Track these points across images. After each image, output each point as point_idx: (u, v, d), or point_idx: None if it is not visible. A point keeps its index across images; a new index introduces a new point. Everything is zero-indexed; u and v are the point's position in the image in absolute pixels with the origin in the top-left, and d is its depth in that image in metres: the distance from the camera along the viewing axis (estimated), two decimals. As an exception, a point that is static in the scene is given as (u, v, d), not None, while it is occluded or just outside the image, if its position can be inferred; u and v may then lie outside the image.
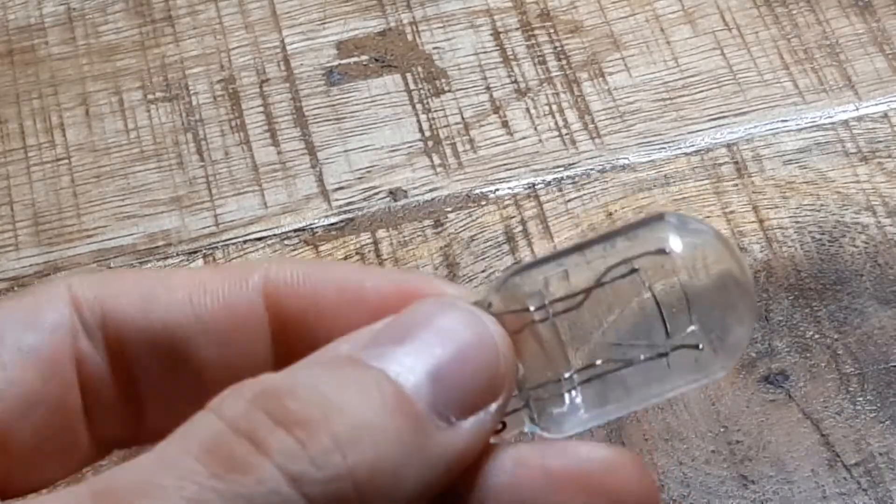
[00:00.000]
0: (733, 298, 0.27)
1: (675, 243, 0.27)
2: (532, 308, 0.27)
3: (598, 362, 0.27)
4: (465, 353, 0.27)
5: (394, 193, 0.49)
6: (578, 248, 0.28)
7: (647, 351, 0.27)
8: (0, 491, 0.28)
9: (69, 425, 0.29)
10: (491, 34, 0.53)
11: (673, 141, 0.50)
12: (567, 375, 0.27)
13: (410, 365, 0.26)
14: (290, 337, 0.29)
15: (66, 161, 0.50)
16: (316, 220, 0.49)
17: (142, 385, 0.30)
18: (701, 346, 0.27)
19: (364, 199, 0.49)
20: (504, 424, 0.28)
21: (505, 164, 0.50)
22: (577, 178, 0.49)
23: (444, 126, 0.51)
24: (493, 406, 0.27)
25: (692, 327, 0.27)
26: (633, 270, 0.27)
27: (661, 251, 0.27)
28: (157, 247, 0.48)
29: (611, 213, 0.48)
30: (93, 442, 0.30)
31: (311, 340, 0.28)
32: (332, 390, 0.25)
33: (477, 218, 0.48)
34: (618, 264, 0.27)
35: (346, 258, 0.47)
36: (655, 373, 0.27)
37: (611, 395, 0.27)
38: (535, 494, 0.27)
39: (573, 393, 0.27)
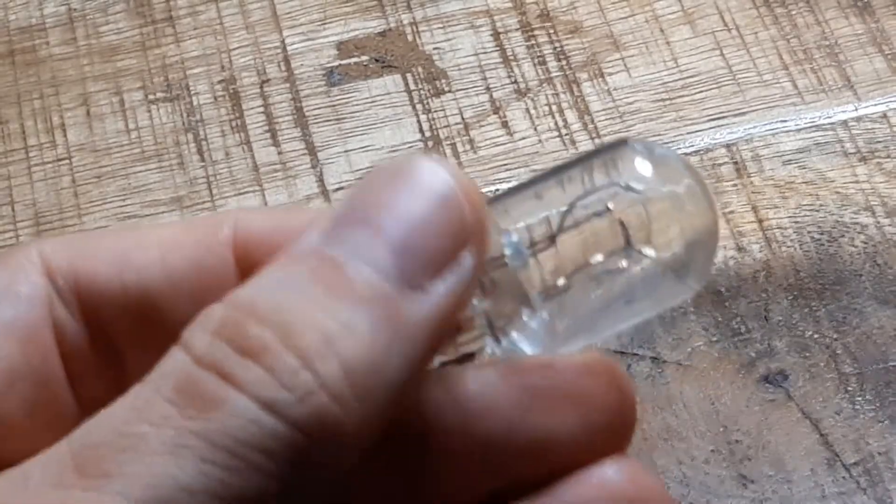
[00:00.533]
0: (696, 218, 0.27)
1: (644, 172, 0.27)
2: (507, 252, 0.27)
3: (561, 282, 0.27)
4: (427, 214, 0.25)
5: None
6: (551, 176, 0.28)
7: (609, 266, 0.27)
8: None
9: (54, 394, 0.29)
10: (491, 35, 0.53)
11: (672, 141, 0.50)
12: (532, 296, 0.27)
13: (372, 245, 0.25)
14: None
15: (67, 161, 0.51)
16: (316, 221, 0.49)
17: (120, 348, 0.29)
18: (662, 262, 0.27)
19: (364, 200, 0.49)
20: (473, 355, 0.27)
21: (505, 165, 0.50)
22: (576, 179, 0.49)
23: (444, 126, 0.51)
24: (467, 256, 0.25)
25: (652, 251, 0.27)
26: (607, 209, 0.27)
27: (630, 184, 0.27)
28: (157, 247, 0.48)
29: (610, 214, 0.48)
30: (79, 406, 0.30)
31: None
32: (295, 300, 0.25)
33: (477, 218, 0.48)
34: (583, 197, 0.27)
35: (346, 258, 0.47)
36: (617, 290, 0.27)
37: (575, 315, 0.27)
38: (510, 410, 0.27)
39: (539, 314, 0.27)
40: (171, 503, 0.22)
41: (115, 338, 0.29)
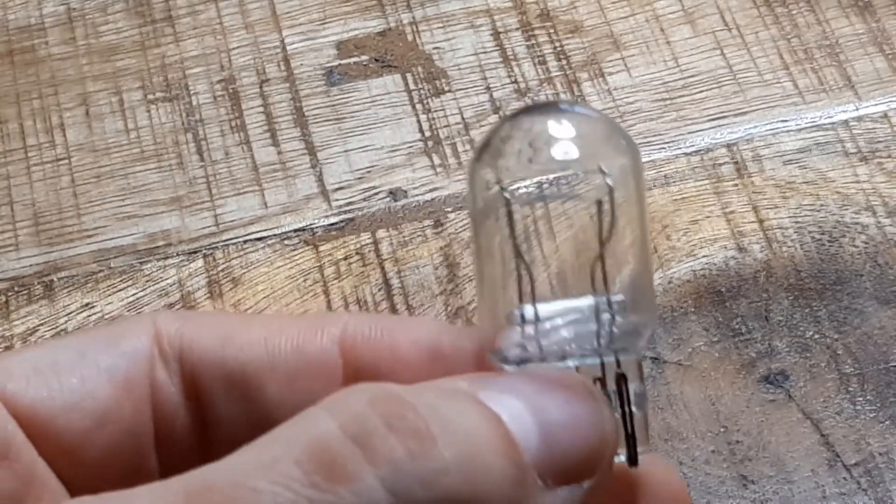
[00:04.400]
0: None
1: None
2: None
3: None
4: (579, 425, 0.26)
5: (394, 193, 0.49)
6: None
7: None
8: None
9: (139, 448, 0.30)
10: (491, 34, 0.53)
11: (673, 141, 0.50)
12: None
13: (524, 418, 0.26)
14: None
15: (67, 161, 0.51)
16: (316, 220, 0.49)
17: (213, 418, 0.30)
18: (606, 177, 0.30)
19: (364, 199, 0.49)
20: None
21: (505, 165, 0.50)
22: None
23: (444, 126, 0.51)
24: (586, 483, 0.26)
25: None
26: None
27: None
28: (157, 247, 0.48)
29: (611, 214, 0.48)
30: (160, 469, 0.30)
31: None
32: (451, 414, 0.25)
33: (477, 218, 0.48)
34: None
35: (345, 258, 0.47)
36: None
37: None
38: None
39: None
40: None
41: (209, 407, 0.30)
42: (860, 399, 0.43)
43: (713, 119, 0.50)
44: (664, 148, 0.49)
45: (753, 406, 0.43)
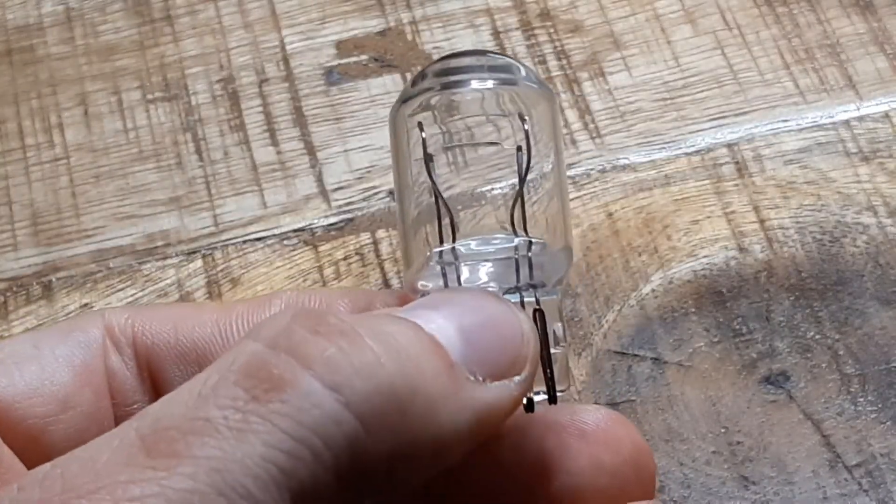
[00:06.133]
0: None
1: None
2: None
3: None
4: (494, 323, 0.28)
5: (394, 193, 0.49)
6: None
7: None
8: None
9: (102, 432, 0.30)
10: (491, 34, 0.53)
11: (673, 141, 0.50)
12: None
13: (442, 324, 0.27)
14: None
15: (65, 161, 0.50)
16: (315, 221, 0.48)
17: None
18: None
19: (364, 199, 0.49)
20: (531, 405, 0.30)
21: (505, 164, 0.49)
22: (577, 178, 0.49)
23: (444, 126, 0.51)
24: (517, 379, 0.27)
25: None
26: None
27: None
28: (156, 247, 0.48)
29: (611, 214, 0.48)
30: None
31: None
32: (374, 323, 0.26)
33: (477, 218, 0.48)
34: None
35: (345, 258, 0.47)
36: None
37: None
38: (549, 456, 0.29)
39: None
40: (235, 487, 0.23)
41: (166, 389, 0.31)
42: (861, 400, 0.43)
43: (714, 119, 0.50)
44: (665, 148, 0.49)
45: (754, 407, 0.43)
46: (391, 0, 0.54)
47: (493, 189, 0.32)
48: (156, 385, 0.31)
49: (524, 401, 0.29)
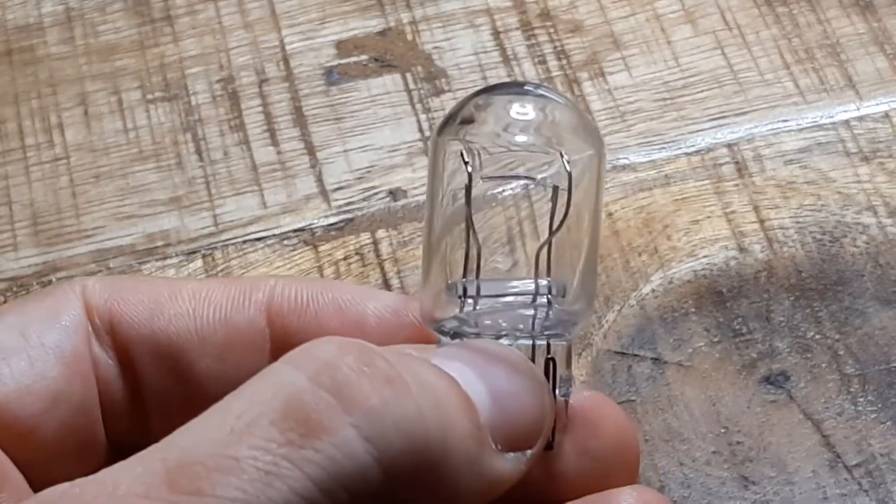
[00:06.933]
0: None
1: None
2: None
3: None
4: (523, 395, 0.27)
5: (394, 193, 0.49)
6: None
7: None
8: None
9: (90, 423, 0.30)
10: (491, 34, 0.53)
11: (673, 141, 0.50)
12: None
13: (475, 383, 0.27)
14: None
15: (65, 161, 0.50)
16: (315, 221, 0.48)
17: (147, 390, 0.31)
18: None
19: (364, 199, 0.49)
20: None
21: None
22: (577, 178, 0.49)
23: (444, 126, 0.50)
24: (529, 452, 0.27)
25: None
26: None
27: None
28: (156, 247, 0.48)
29: (611, 213, 0.48)
30: (107, 439, 0.30)
31: None
32: (417, 368, 0.26)
33: (477, 218, 0.48)
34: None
35: (345, 258, 0.47)
36: None
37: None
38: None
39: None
40: None
41: (142, 378, 0.31)
42: (861, 400, 0.43)
43: (714, 119, 0.50)
44: (665, 148, 0.49)
45: (754, 407, 0.43)
46: (391, 0, 0.54)
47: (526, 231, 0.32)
48: (133, 375, 0.31)
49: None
